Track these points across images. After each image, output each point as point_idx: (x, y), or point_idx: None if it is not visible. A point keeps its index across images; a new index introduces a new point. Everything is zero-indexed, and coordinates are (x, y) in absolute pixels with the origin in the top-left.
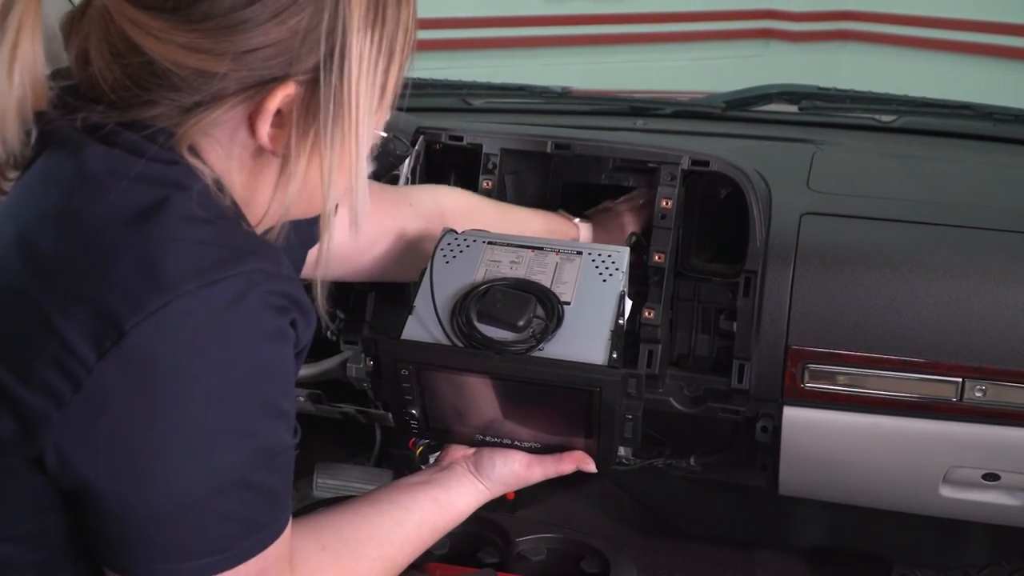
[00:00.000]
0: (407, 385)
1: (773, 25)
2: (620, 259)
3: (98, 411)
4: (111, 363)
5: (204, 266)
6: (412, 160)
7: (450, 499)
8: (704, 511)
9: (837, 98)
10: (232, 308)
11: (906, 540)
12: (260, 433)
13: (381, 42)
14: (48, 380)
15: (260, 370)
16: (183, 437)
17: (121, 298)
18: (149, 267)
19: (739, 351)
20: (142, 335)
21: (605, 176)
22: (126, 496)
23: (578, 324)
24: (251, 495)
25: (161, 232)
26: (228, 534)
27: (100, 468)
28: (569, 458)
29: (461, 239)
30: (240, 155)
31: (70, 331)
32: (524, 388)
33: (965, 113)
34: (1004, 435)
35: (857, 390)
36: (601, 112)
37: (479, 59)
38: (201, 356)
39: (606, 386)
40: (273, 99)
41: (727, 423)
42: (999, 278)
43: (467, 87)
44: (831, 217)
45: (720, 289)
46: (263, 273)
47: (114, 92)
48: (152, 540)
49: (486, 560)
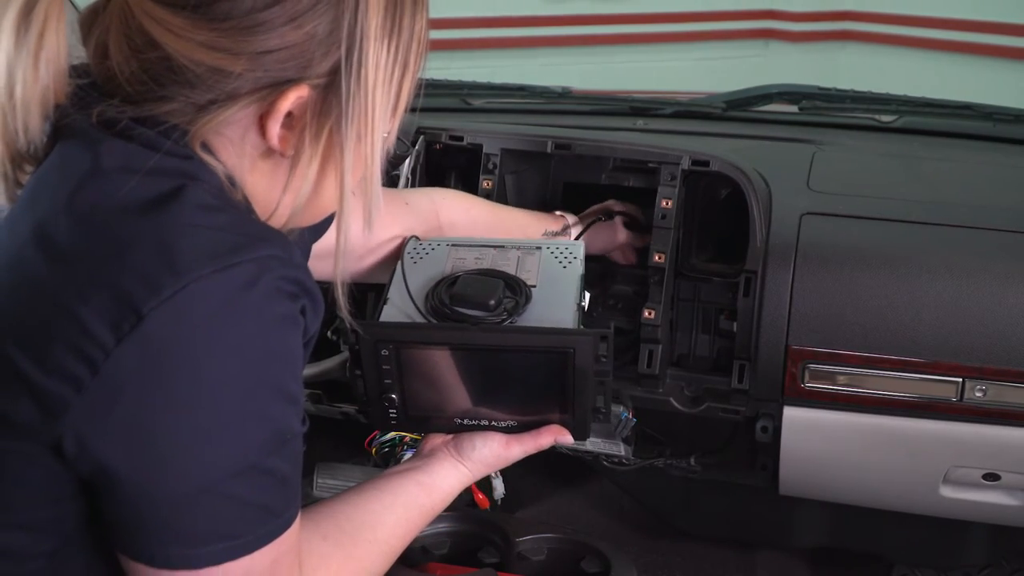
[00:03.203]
0: (387, 367)
1: (773, 25)
2: (577, 250)
3: (116, 394)
4: (129, 346)
5: (219, 251)
6: (412, 160)
7: (434, 481)
8: (704, 511)
9: (837, 98)
10: (245, 292)
11: (906, 540)
12: (273, 417)
13: (397, 51)
14: (66, 364)
15: (272, 354)
16: (199, 419)
17: (138, 282)
18: (165, 252)
19: (739, 351)
20: (159, 318)
21: (605, 176)
22: (142, 479)
23: (545, 301)
24: (265, 480)
25: (176, 219)
26: (243, 519)
27: (117, 451)
28: (547, 432)
29: (426, 244)
30: (251, 155)
31: (89, 316)
32: (500, 361)
33: (965, 113)
34: (1004, 435)
35: (857, 390)
36: (601, 112)
37: (479, 59)
38: (216, 339)
39: (579, 345)
40: (285, 100)
41: (727, 423)
42: (999, 278)
43: (467, 87)
44: (831, 217)
45: (720, 289)
46: (275, 259)
47: (130, 86)
48: (168, 524)
49: (486, 560)
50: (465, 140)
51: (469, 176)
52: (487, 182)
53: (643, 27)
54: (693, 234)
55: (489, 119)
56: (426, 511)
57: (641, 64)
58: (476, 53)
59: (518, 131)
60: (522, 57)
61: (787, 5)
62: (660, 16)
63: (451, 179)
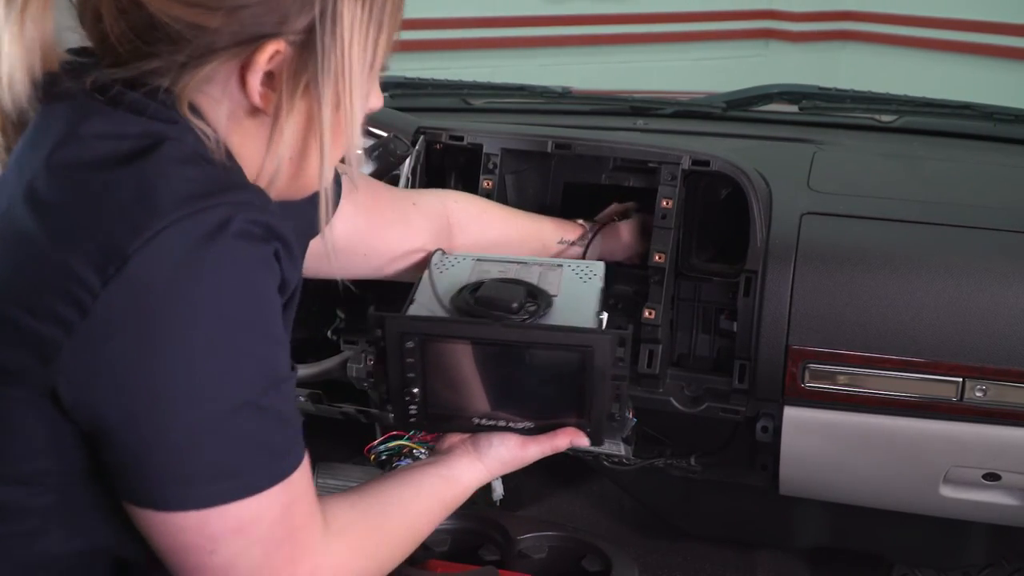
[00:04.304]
0: (411, 360)
1: (773, 25)
2: (598, 268)
3: (106, 336)
4: (116, 287)
5: (195, 194)
6: (412, 160)
7: (454, 475)
8: (704, 511)
9: (837, 98)
10: (219, 232)
11: (906, 540)
12: (261, 355)
13: (371, 9)
14: (56, 309)
15: (252, 293)
16: (188, 358)
17: (121, 225)
18: (144, 197)
19: (739, 351)
20: (142, 259)
21: (605, 176)
22: (138, 420)
23: (566, 309)
24: (262, 418)
25: (154, 167)
26: (244, 456)
27: (110, 393)
28: (563, 434)
29: (451, 257)
30: (235, 113)
31: (76, 261)
32: (521, 358)
33: (965, 113)
34: (1004, 435)
35: (857, 390)
36: (601, 112)
37: (479, 59)
38: (198, 278)
39: (598, 345)
40: (263, 53)
41: (727, 423)
42: (999, 278)
43: (467, 87)
44: (831, 217)
45: (720, 289)
46: (247, 204)
47: (120, 45)
48: (168, 465)
49: (487, 558)
50: (465, 140)
51: (469, 176)
52: (487, 182)
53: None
54: (693, 234)
55: (489, 119)
56: (448, 505)
57: (641, 64)
58: (476, 53)
59: (518, 131)
60: (522, 57)
61: (787, 5)
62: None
63: (451, 179)
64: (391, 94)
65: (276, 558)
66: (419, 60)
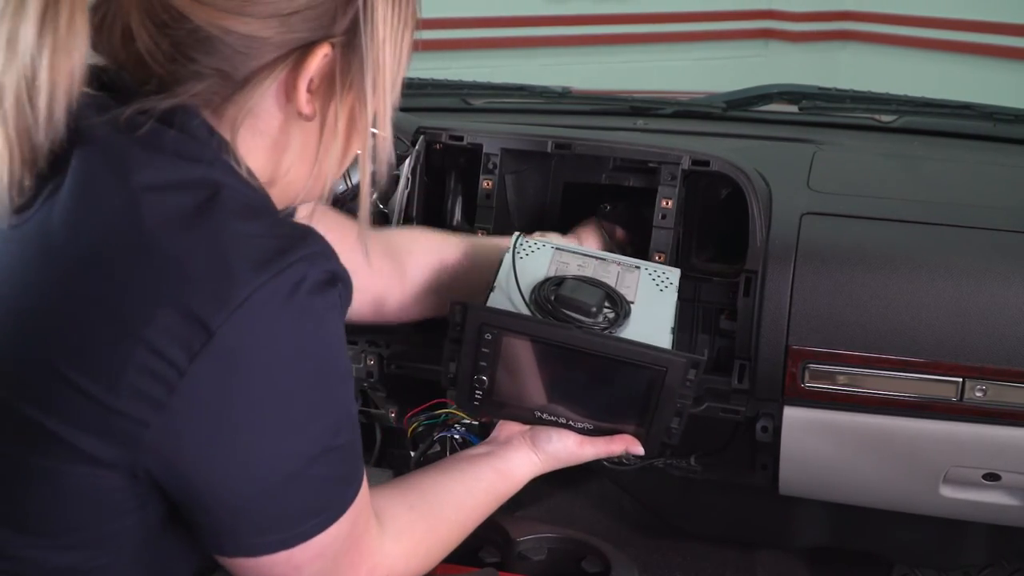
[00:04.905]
0: (485, 350)
1: (773, 25)
2: (674, 276)
3: (195, 409)
4: (204, 363)
5: (269, 256)
6: (412, 160)
7: (509, 468)
8: (704, 511)
9: (837, 98)
10: (297, 292)
11: (906, 540)
12: (339, 399)
13: (400, 7)
14: (140, 387)
15: (329, 343)
16: (278, 417)
17: (204, 299)
18: (220, 266)
19: (739, 351)
20: (229, 331)
21: (605, 176)
22: (233, 483)
23: (643, 320)
24: (339, 455)
25: (220, 230)
26: (328, 494)
27: (203, 462)
28: (620, 440)
29: (531, 243)
30: (274, 128)
31: (157, 337)
32: (593, 365)
33: (965, 113)
34: (1004, 435)
35: (857, 390)
36: (601, 112)
37: (479, 59)
38: (282, 340)
39: (672, 367)
40: (314, 58)
41: (727, 423)
42: (999, 278)
43: (467, 87)
44: (831, 217)
45: (720, 289)
46: (317, 256)
47: (158, 65)
48: (262, 517)
49: (487, 559)
50: (465, 140)
51: (469, 176)
52: (487, 182)
53: (643, 27)
54: (693, 234)
55: (489, 119)
56: (500, 497)
57: (641, 64)
58: (476, 53)
59: (518, 131)
60: (522, 57)
61: (787, 5)
62: (660, 16)
63: (451, 179)
64: None
65: (342, 564)
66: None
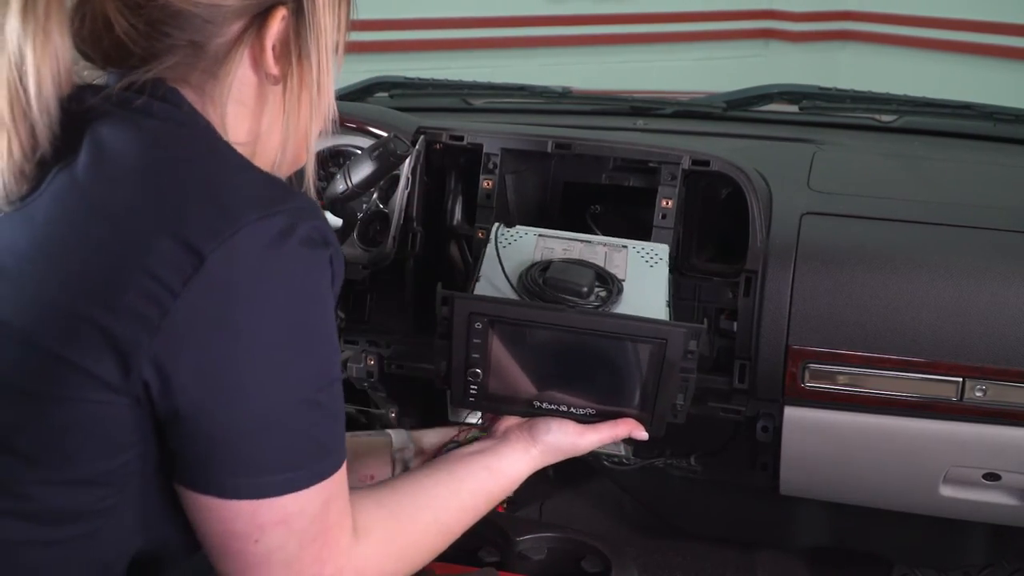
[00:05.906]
0: (477, 341)
1: (773, 25)
2: (662, 251)
3: (186, 334)
4: (195, 287)
5: (262, 200)
6: (412, 160)
7: (502, 466)
8: (704, 511)
9: (837, 98)
10: (289, 238)
11: (906, 540)
12: (321, 354)
13: None
14: (138, 309)
15: (315, 296)
16: (261, 351)
17: (199, 229)
18: (216, 200)
19: (740, 351)
20: (218, 261)
21: (605, 176)
22: (215, 412)
23: (636, 296)
24: (319, 414)
25: (219, 171)
26: (302, 451)
27: (190, 385)
28: (623, 423)
29: (513, 231)
30: (248, 99)
31: (156, 264)
32: (589, 346)
33: (966, 113)
34: (1004, 435)
35: (857, 390)
36: (601, 112)
37: (479, 59)
38: (272, 279)
39: (672, 337)
40: (274, 20)
41: (728, 423)
42: (999, 278)
43: (467, 87)
44: (831, 217)
45: (720, 289)
46: (306, 211)
47: (138, 45)
48: (237, 455)
49: (487, 559)
50: (465, 140)
51: (469, 176)
52: (487, 182)
53: (643, 27)
54: (693, 234)
55: (489, 119)
56: (492, 497)
57: (641, 64)
58: (476, 53)
59: (518, 131)
60: (522, 57)
61: (787, 5)
62: (660, 16)
63: (451, 179)
64: (391, 94)
65: (308, 553)
66: (419, 60)
